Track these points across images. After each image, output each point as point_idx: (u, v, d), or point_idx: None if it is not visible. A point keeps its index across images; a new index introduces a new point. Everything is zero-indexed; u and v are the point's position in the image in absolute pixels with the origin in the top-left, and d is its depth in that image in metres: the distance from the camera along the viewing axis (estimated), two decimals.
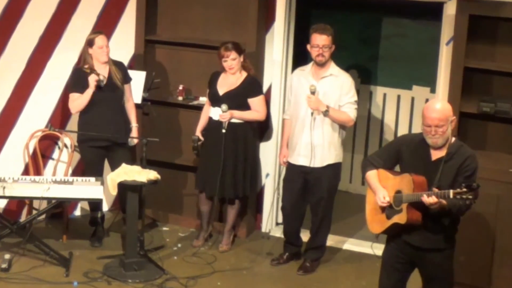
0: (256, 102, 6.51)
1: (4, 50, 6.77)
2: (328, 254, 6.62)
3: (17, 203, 6.95)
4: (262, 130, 6.98)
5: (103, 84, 6.41)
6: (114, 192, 6.15)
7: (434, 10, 6.70)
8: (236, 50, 6.43)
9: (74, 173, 7.14)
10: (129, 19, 7.24)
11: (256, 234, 7.16)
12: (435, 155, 4.64)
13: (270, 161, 7.06)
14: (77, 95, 6.47)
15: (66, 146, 7.03)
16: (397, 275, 4.86)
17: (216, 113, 6.50)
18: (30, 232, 6.16)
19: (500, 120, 6.14)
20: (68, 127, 7.04)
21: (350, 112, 6.19)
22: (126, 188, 6.12)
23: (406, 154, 4.74)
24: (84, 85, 6.41)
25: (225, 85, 6.53)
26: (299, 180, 6.33)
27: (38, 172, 6.94)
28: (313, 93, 6.10)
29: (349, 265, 6.61)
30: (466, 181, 4.45)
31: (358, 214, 5.05)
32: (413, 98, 7.98)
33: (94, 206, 6.80)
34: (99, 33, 6.51)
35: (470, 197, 4.34)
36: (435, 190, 4.48)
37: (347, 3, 7.87)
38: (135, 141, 6.66)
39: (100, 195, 6.10)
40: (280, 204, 6.76)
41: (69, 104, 6.54)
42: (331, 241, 6.77)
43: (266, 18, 6.90)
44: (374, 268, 4.99)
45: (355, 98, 6.23)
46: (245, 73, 6.53)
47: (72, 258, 6.38)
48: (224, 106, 6.40)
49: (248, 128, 6.58)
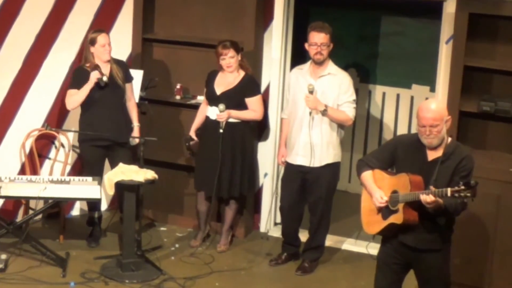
0: (253, 102, 6.48)
1: (0, 49, 6.73)
2: (326, 254, 6.60)
3: (13, 203, 6.92)
4: (260, 129, 6.95)
5: (104, 84, 6.36)
6: (111, 192, 6.13)
7: (433, 8, 6.67)
8: (234, 48, 6.40)
9: (71, 172, 7.11)
10: (126, 18, 7.21)
11: (254, 234, 7.13)
12: (432, 156, 4.62)
13: (268, 160, 7.03)
14: (74, 91, 6.43)
15: (62, 145, 7.01)
16: (392, 276, 4.84)
17: (213, 112, 6.46)
18: (27, 232, 6.17)
19: (500, 119, 6.11)
20: (65, 127, 7.01)
21: (348, 111, 6.15)
22: (123, 187, 6.10)
23: (402, 155, 4.71)
24: (84, 83, 6.38)
25: (222, 84, 6.49)
26: (298, 180, 6.30)
27: (34, 171, 6.91)
28: (311, 92, 6.07)
29: (348, 265, 6.59)
30: (463, 179, 4.42)
31: (357, 214, 5.02)
32: (412, 97, 7.94)
33: (92, 206, 6.78)
34: (101, 31, 6.47)
35: (468, 194, 4.31)
36: (433, 189, 4.45)
37: (346, 1, 7.84)
38: (137, 140, 6.62)
39: (98, 195, 6.08)
40: (278, 204, 6.74)
41: (65, 99, 6.50)
42: (330, 241, 6.74)
43: (264, 17, 6.88)
44: (373, 268, 4.96)
45: (354, 97, 6.20)
46: (242, 72, 6.50)
47: (69, 259, 6.36)
48: (221, 106, 6.37)
49: (245, 127, 6.54)
